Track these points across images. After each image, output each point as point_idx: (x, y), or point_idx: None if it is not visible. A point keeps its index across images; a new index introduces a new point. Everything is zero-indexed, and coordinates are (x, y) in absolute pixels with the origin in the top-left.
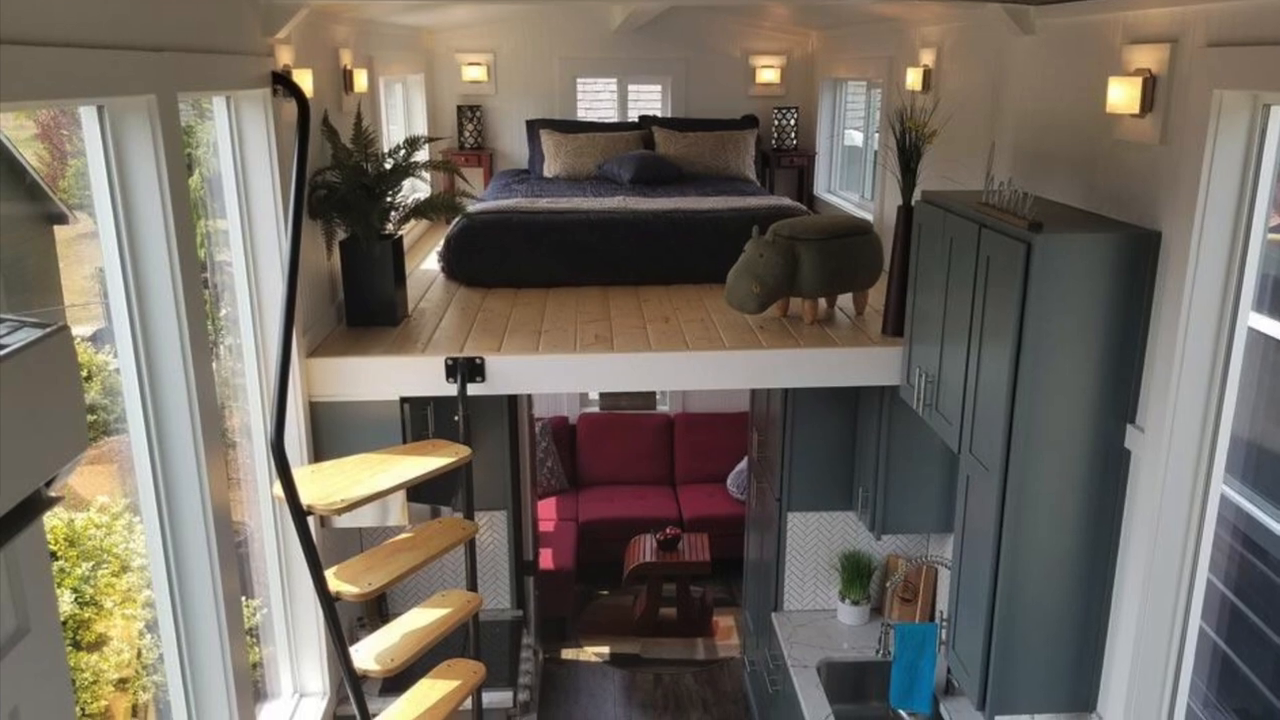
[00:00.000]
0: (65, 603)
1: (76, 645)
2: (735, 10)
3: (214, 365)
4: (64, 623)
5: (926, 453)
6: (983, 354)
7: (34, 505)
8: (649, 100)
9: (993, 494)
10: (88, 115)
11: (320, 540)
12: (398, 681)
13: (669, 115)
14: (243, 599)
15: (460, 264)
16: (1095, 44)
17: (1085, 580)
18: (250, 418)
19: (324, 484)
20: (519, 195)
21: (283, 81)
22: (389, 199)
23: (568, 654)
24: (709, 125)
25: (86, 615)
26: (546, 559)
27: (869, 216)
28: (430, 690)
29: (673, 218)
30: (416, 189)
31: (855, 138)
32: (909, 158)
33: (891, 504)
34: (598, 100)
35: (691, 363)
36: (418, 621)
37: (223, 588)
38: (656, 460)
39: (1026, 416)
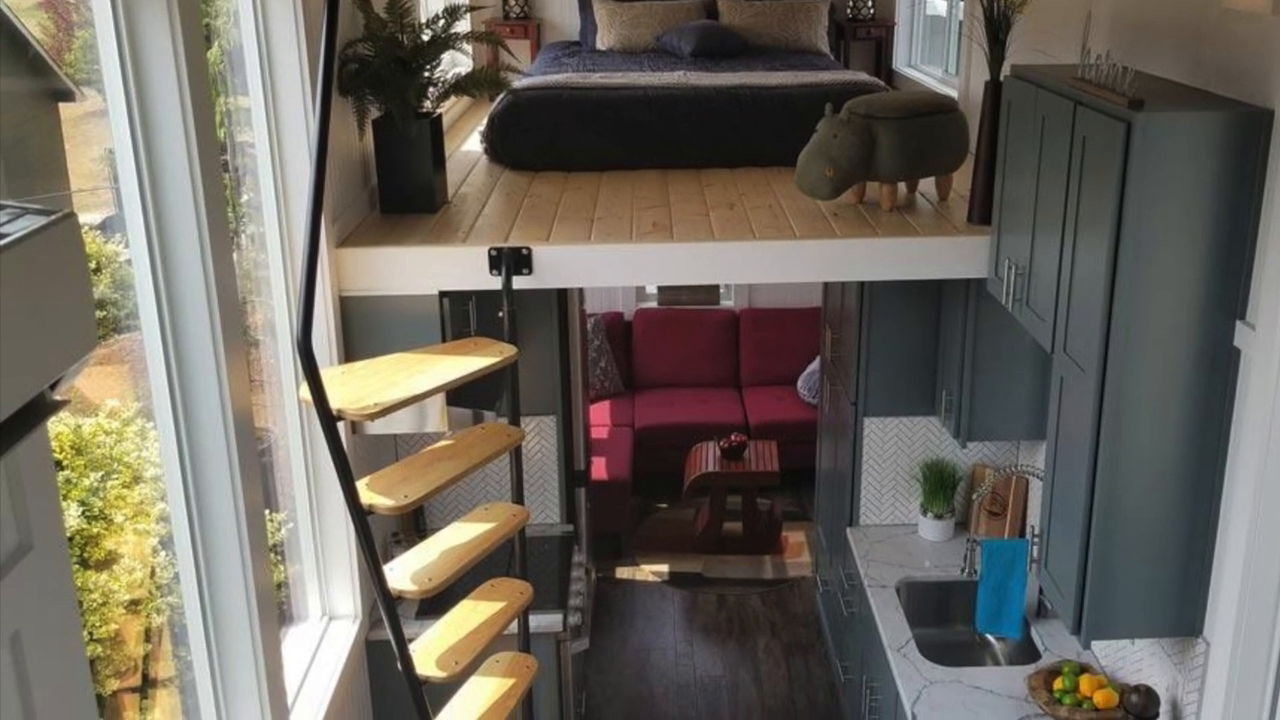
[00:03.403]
0: (72, 517)
1: (84, 563)
2: None
3: (235, 256)
4: (70, 539)
5: (1016, 352)
6: (1078, 244)
7: (38, 410)
8: None
9: (1089, 397)
10: None
11: (351, 448)
12: (436, 603)
13: None
14: (266, 513)
15: (505, 145)
16: None
17: (1191, 491)
18: (274, 314)
19: (355, 386)
20: (569, 70)
21: None
22: (427, 74)
23: (623, 573)
24: None
25: (95, 530)
26: (599, 469)
27: (953, 93)
28: (472, 613)
29: (738, 94)
30: (457, 63)
31: (939, 6)
32: (997, 28)
33: (978, 408)
34: None
35: (758, 253)
36: (458, 538)
37: (244, 500)
38: (720, 360)
39: (1126, 312)
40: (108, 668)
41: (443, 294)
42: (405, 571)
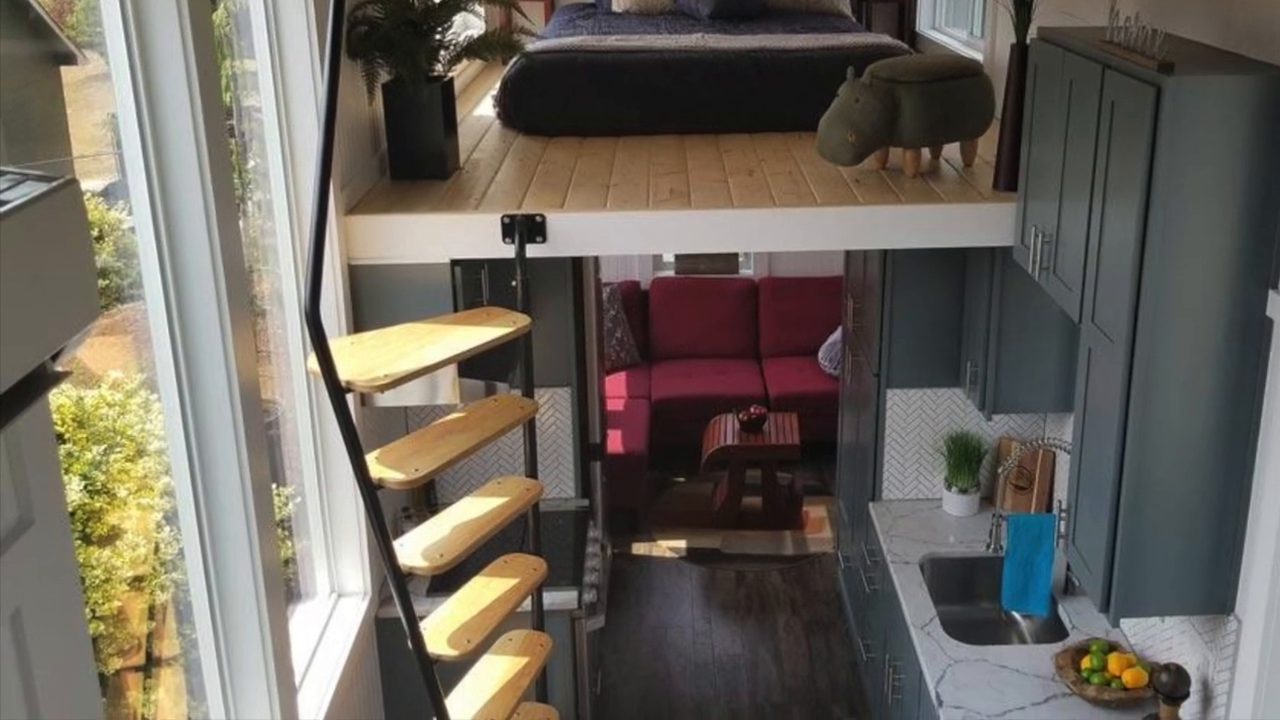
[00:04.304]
0: (73, 491)
1: (86, 539)
2: None
3: (241, 224)
4: (72, 514)
5: (1043, 322)
6: (1106, 211)
7: (38, 381)
8: None
9: (1118, 368)
10: None
11: (360, 421)
12: (448, 580)
13: None
14: (273, 487)
15: (518, 110)
16: None
17: (1222, 465)
18: (282, 283)
19: (365, 357)
20: (584, 32)
21: None
22: (438, 36)
23: (639, 549)
24: None
25: (97, 505)
26: (615, 442)
27: (978, 56)
28: (484, 590)
29: (757, 58)
30: (469, 25)
31: None
32: None
33: (1004, 380)
34: None
35: (778, 221)
36: (470, 512)
37: (250, 474)
38: (739, 330)
39: (1156, 281)
40: (110, 646)
41: (454, 262)
42: (416, 547)
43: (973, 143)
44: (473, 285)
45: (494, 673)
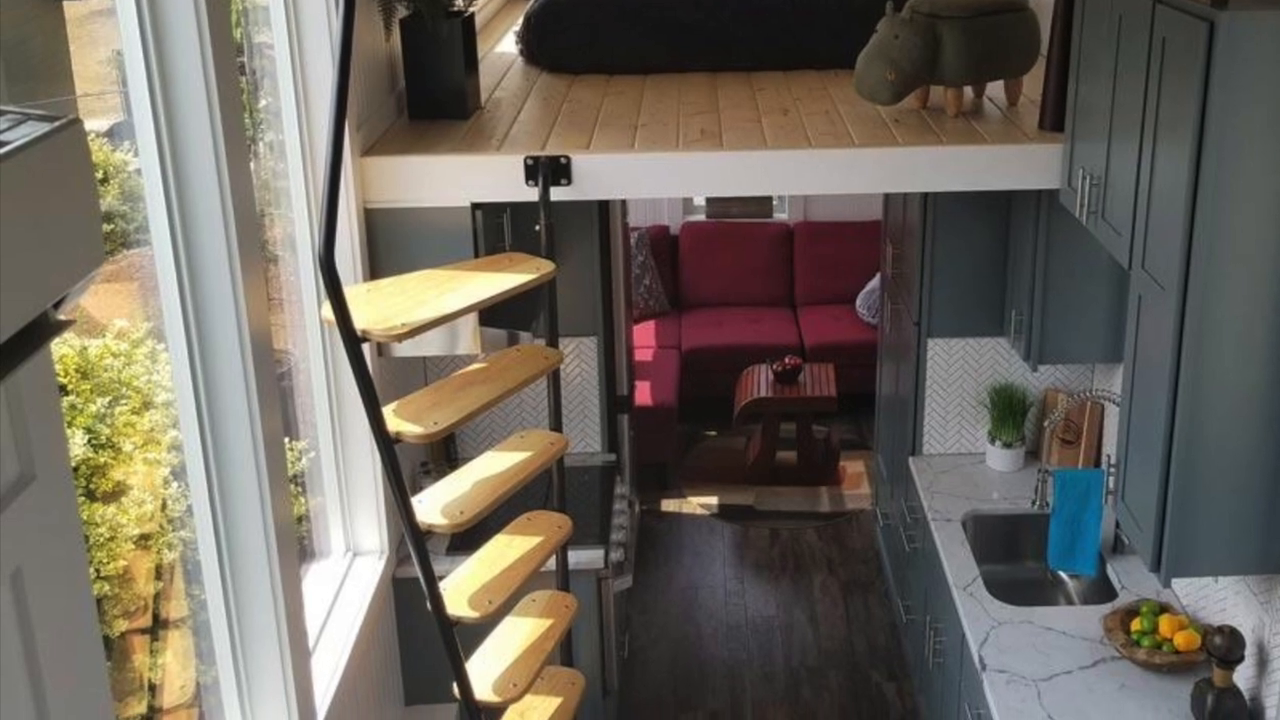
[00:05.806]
0: (77, 445)
1: (90, 495)
2: None
3: (252, 166)
4: (75, 469)
5: (1091, 268)
6: (1157, 152)
7: (40, 330)
8: None
9: (1169, 317)
10: None
11: (377, 372)
12: (468, 538)
13: None
14: (286, 441)
15: (542, 46)
16: None
17: (1278, 417)
18: (295, 227)
19: (382, 305)
20: None
21: None
22: None
23: (669, 506)
24: None
25: (102, 460)
26: (644, 394)
27: None
28: (507, 548)
29: None
30: None
31: None
32: None
33: (1050, 329)
34: None
35: (814, 162)
36: (492, 468)
37: (262, 428)
38: (773, 277)
39: (1209, 225)
40: (116, 607)
41: (475, 206)
42: (435, 504)
43: (1017, 80)
44: (494, 230)
45: (517, 635)
